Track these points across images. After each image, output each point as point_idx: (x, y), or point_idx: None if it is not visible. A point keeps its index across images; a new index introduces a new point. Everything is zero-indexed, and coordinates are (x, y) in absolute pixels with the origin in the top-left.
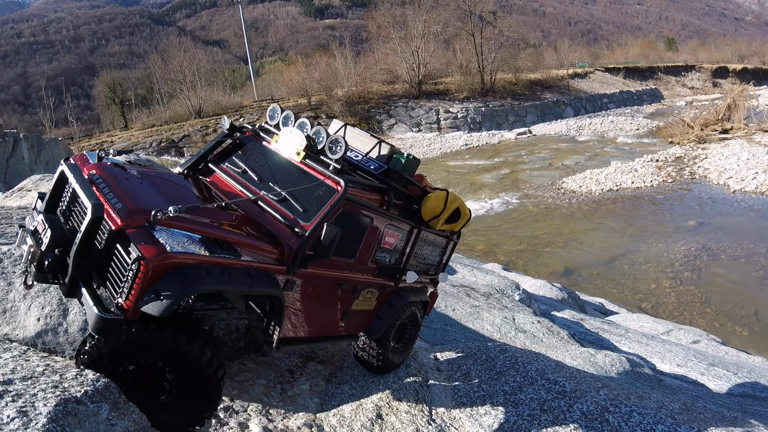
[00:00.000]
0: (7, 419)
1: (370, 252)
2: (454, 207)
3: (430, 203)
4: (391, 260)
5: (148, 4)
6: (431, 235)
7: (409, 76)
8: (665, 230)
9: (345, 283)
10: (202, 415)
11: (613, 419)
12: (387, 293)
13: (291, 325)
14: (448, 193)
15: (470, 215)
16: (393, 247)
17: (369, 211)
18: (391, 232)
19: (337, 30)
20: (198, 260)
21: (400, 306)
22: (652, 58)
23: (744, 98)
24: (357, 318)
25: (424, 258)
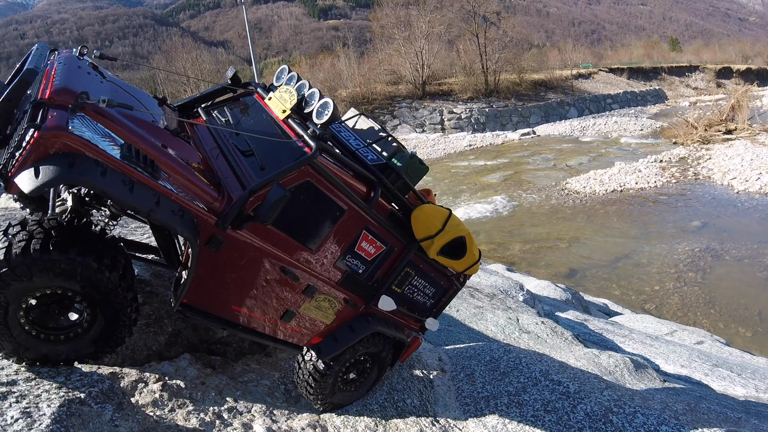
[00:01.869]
0: (11, 420)
1: (338, 251)
2: (455, 234)
3: (424, 216)
4: (366, 274)
5: (152, 5)
6: (428, 266)
7: (412, 77)
8: (669, 231)
9: (293, 274)
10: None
11: (617, 420)
12: (351, 312)
13: (209, 295)
14: (450, 213)
15: (480, 258)
16: (371, 259)
17: (344, 197)
18: (372, 239)
19: (341, 31)
20: (97, 155)
21: (363, 332)
22: (656, 59)
23: (748, 99)
24: (304, 326)
25: (413, 291)
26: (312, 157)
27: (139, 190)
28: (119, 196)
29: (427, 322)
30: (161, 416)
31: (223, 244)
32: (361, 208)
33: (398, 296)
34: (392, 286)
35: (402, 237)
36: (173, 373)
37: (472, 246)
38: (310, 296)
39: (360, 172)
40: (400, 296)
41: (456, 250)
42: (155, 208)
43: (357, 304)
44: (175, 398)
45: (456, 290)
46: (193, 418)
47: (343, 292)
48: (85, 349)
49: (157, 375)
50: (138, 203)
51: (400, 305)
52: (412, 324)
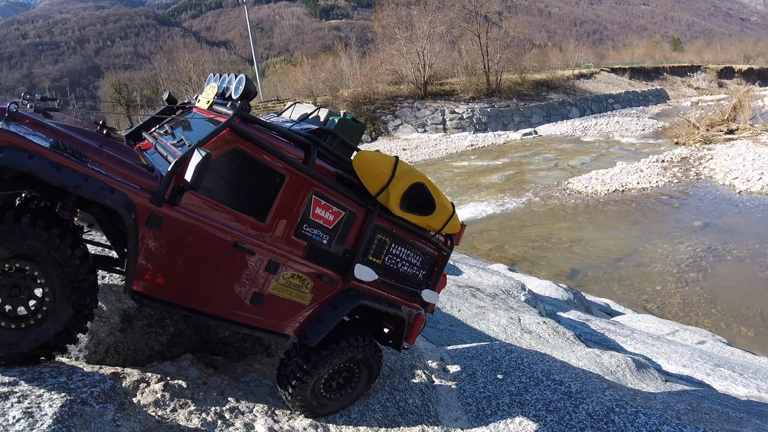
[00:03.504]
0: (12, 420)
1: (292, 221)
2: (410, 180)
3: (367, 164)
4: (332, 245)
5: (154, 5)
6: (403, 232)
7: (414, 77)
8: (671, 231)
9: (247, 248)
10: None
11: (619, 420)
12: (330, 290)
13: (163, 280)
14: (397, 159)
15: (454, 211)
16: (332, 227)
17: (280, 162)
18: (326, 204)
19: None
20: (27, 145)
21: (347, 307)
22: (658, 59)
23: (750, 99)
24: (280, 309)
25: (395, 261)
26: (229, 121)
27: (66, 171)
28: (46, 174)
29: (423, 294)
30: (163, 416)
31: (163, 221)
32: (301, 171)
33: (379, 268)
34: (369, 257)
35: (359, 199)
36: (175, 373)
37: (440, 197)
38: (275, 273)
39: (292, 136)
40: (382, 268)
41: (423, 205)
42: (83, 184)
43: (333, 279)
44: (177, 398)
45: (446, 257)
46: (195, 418)
47: (313, 267)
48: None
49: (158, 375)
50: (64, 180)
51: (386, 278)
52: (408, 300)
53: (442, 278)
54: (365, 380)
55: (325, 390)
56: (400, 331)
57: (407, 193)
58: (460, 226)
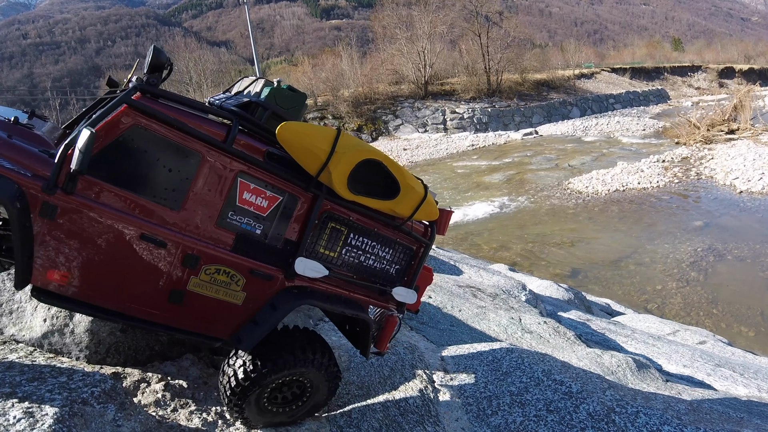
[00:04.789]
0: (13, 420)
1: (214, 208)
2: (357, 157)
3: (297, 137)
4: (269, 235)
5: (154, 5)
6: (366, 220)
7: (415, 77)
8: (671, 231)
9: (158, 241)
10: None
11: (620, 420)
12: (268, 288)
13: (63, 276)
14: (339, 131)
15: (426, 194)
16: (267, 214)
17: (193, 140)
18: (256, 188)
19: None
20: None
21: (287, 308)
22: (659, 59)
23: (750, 99)
24: (205, 309)
25: (357, 254)
26: (125, 96)
27: None
28: None
29: (395, 293)
30: (164, 416)
31: (56, 210)
32: (220, 149)
33: (335, 262)
34: (319, 249)
35: (299, 181)
36: (176, 373)
37: (406, 177)
38: (195, 268)
39: (209, 109)
40: (339, 262)
41: (386, 188)
42: None
43: (271, 275)
44: (177, 398)
45: (426, 249)
46: (196, 418)
47: (243, 261)
48: None
49: (159, 375)
50: None
51: (345, 274)
52: (377, 299)
53: (425, 274)
54: (319, 398)
55: (269, 402)
56: (364, 336)
57: (358, 173)
58: (437, 212)
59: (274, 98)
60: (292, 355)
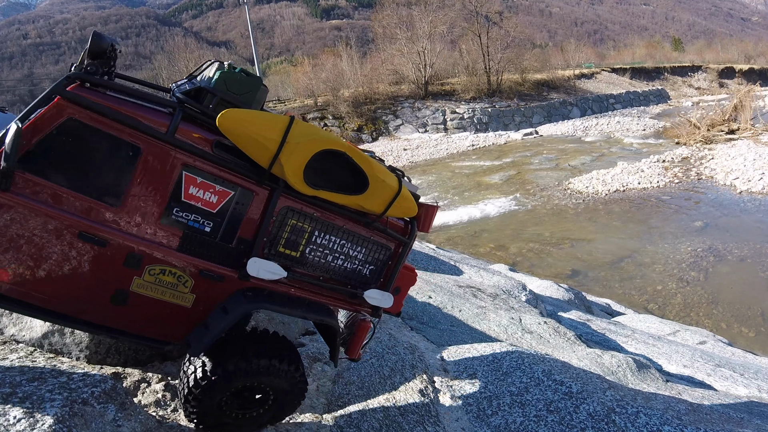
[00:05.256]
0: (14, 420)
1: (156, 204)
2: (315, 147)
3: (241, 125)
4: (220, 233)
5: (154, 5)
6: (335, 217)
7: (415, 77)
8: (672, 231)
9: (97, 240)
10: None
11: (620, 420)
12: (221, 290)
13: (3, 275)
14: (292, 119)
15: (401, 188)
16: (217, 210)
17: (133, 131)
18: (204, 182)
19: (344, 30)
20: None
21: (239, 311)
22: (659, 59)
23: (750, 99)
24: (151, 312)
25: (323, 254)
26: (57, 87)
27: None
28: None
29: (367, 296)
30: (164, 416)
31: None
32: (162, 141)
33: (298, 262)
34: (279, 248)
35: (253, 174)
36: (176, 373)
37: (375, 170)
38: (138, 268)
39: (152, 98)
40: (303, 262)
41: (353, 181)
42: None
43: (222, 276)
44: (178, 398)
45: (405, 248)
46: None
47: (191, 261)
48: None
49: (159, 375)
50: None
51: (310, 275)
52: (347, 303)
53: (407, 274)
54: (282, 408)
55: (227, 407)
56: (332, 342)
57: (317, 165)
58: (416, 207)
59: (225, 83)
60: (250, 361)
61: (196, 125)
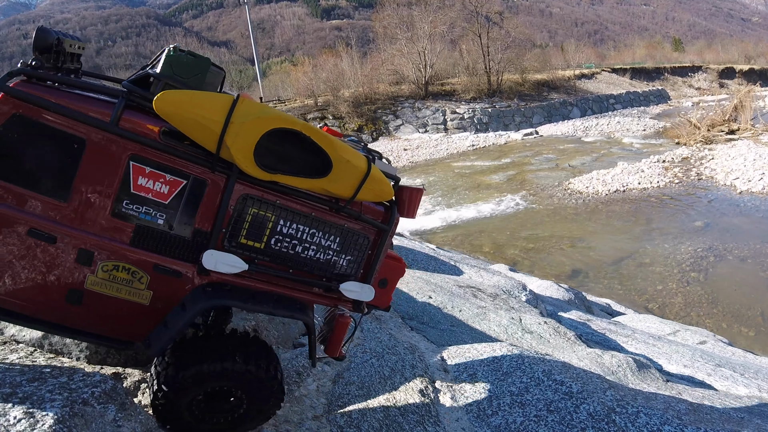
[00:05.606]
0: (14, 420)
1: (105, 197)
2: (263, 127)
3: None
4: (173, 224)
5: (155, 5)
6: (301, 205)
7: (415, 77)
8: (672, 231)
9: (46, 237)
10: None
11: (620, 420)
12: (180, 286)
13: None
14: (238, 97)
15: (369, 169)
16: (169, 201)
17: (76, 123)
18: (152, 172)
19: (344, 31)
20: None
21: (196, 307)
22: (659, 59)
23: (751, 99)
24: (107, 310)
25: (290, 245)
26: (1, 82)
27: None
28: None
29: (344, 289)
30: None
31: None
32: (106, 131)
33: (263, 254)
34: (240, 239)
35: (203, 161)
36: None
37: (339, 150)
38: (90, 265)
39: (97, 88)
40: (268, 253)
41: (316, 163)
42: None
43: (179, 271)
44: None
45: (384, 235)
46: None
47: (144, 256)
48: None
49: None
50: None
51: (277, 267)
52: (324, 297)
53: (393, 264)
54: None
55: (197, 410)
56: (309, 339)
57: (270, 147)
58: (390, 190)
59: (170, 67)
60: (220, 363)
61: (144, 113)
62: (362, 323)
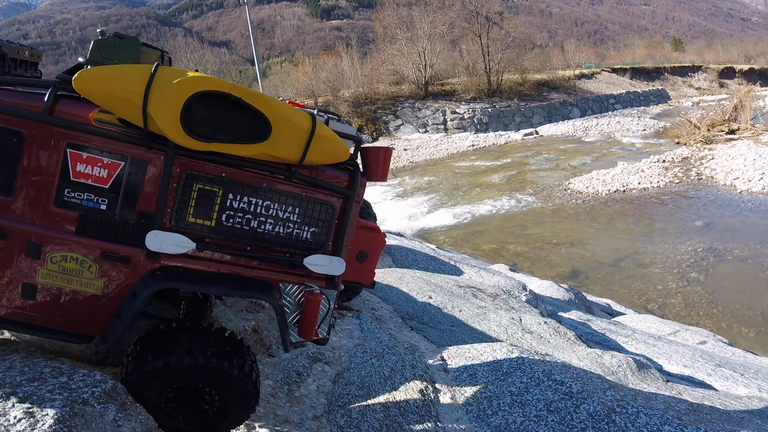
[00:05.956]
0: (14, 420)
1: (47, 188)
2: (185, 92)
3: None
4: (116, 209)
5: (155, 5)
6: (248, 176)
7: (415, 77)
8: (672, 231)
9: None
10: None
11: (620, 420)
12: (128, 270)
13: None
14: (157, 66)
15: (314, 128)
16: (110, 185)
17: (8, 117)
18: (90, 158)
19: (344, 31)
20: None
21: (145, 292)
22: (659, 59)
23: (751, 99)
24: (62, 303)
25: (244, 219)
26: None
27: None
28: None
29: (308, 263)
30: None
31: None
32: (40, 121)
33: (215, 232)
34: (188, 218)
35: (138, 139)
36: None
37: (276, 108)
38: (39, 258)
39: (31, 82)
40: (222, 231)
41: (254, 128)
42: None
43: (128, 257)
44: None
45: (349, 201)
46: None
47: (91, 243)
48: None
49: None
50: None
51: (232, 245)
52: (290, 274)
53: (370, 235)
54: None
55: (168, 406)
56: (279, 321)
57: (203, 114)
58: (346, 149)
59: (99, 51)
60: (182, 358)
61: (80, 100)
62: (362, 323)
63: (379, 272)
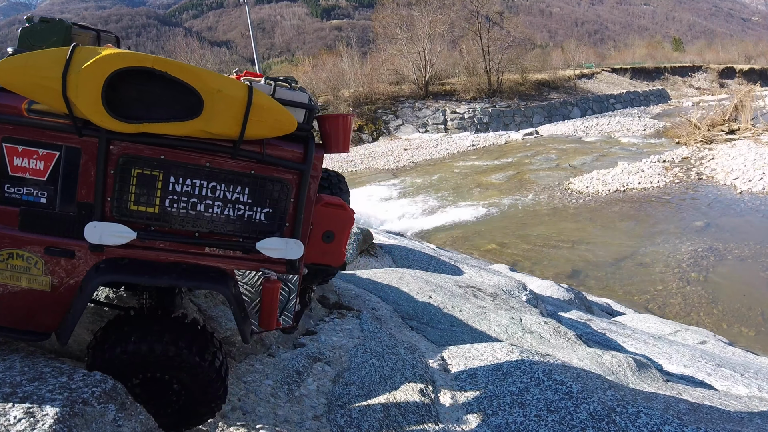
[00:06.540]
0: (14, 420)
1: None
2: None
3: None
4: (56, 202)
5: (155, 5)
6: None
7: (415, 77)
8: (672, 231)
9: None
10: None
11: (620, 420)
12: (75, 265)
13: None
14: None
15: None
16: (47, 177)
17: None
18: (26, 150)
19: (344, 30)
20: None
21: (91, 287)
22: (659, 59)
23: (751, 99)
24: (11, 301)
25: (189, 204)
26: None
27: None
28: None
29: (261, 247)
30: None
31: None
32: None
33: (160, 219)
34: (129, 206)
35: (71, 128)
36: None
37: (207, 79)
38: None
39: None
40: (167, 218)
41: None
42: None
43: (72, 250)
44: None
45: (304, 176)
46: None
47: (33, 238)
48: None
49: None
50: None
51: (183, 231)
52: (244, 260)
53: (335, 214)
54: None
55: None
56: (233, 312)
57: (128, 93)
58: (292, 120)
59: (26, 39)
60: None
61: (9, 92)
62: (362, 323)
63: (379, 272)
